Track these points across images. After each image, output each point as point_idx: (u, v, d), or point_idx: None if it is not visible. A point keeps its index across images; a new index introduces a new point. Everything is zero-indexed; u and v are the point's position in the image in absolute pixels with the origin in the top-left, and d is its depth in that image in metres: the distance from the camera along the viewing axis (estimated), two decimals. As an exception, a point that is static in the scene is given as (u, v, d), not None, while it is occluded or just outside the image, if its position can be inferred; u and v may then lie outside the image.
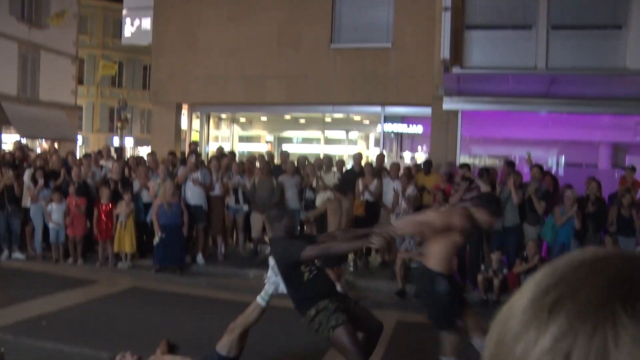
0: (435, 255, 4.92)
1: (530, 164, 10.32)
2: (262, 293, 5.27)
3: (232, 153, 12.69)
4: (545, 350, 0.45)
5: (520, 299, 0.51)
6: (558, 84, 10.61)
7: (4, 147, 21.02)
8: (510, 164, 10.48)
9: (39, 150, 17.12)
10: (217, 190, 10.51)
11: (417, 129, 15.90)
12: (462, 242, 5.22)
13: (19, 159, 11.87)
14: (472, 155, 15.88)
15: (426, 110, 12.51)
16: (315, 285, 4.84)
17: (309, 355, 6.13)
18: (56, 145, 20.68)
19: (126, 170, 11.26)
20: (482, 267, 8.83)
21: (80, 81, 33.28)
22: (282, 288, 5.11)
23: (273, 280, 5.22)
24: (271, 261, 5.35)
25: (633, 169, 10.60)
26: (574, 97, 11.34)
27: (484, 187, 9.22)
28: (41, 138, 23.75)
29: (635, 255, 0.48)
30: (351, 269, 10.18)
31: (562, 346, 0.44)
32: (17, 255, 10.59)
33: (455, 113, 11.88)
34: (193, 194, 10.24)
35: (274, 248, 5.20)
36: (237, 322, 5.22)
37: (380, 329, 5.16)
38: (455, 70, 10.63)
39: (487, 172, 9.78)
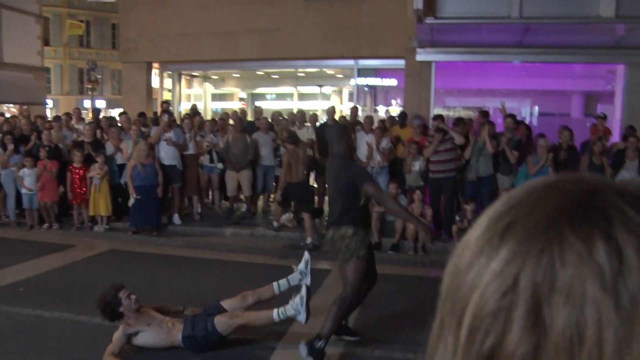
0: None
1: (504, 113, 10.39)
2: (282, 309, 4.93)
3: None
4: (495, 274, 0.46)
5: (476, 230, 0.52)
6: (531, 33, 10.59)
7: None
8: (484, 113, 10.51)
9: (7, 115, 16.68)
10: (190, 149, 10.42)
11: (391, 81, 15.84)
12: None
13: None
14: (446, 107, 15.91)
15: (400, 63, 12.42)
16: (364, 213, 5.14)
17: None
18: (16, 108, 20.23)
19: (98, 132, 11.07)
20: (457, 218, 8.94)
21: (46, 42, 32.37)
22: (301, 318, 4.94)
23: (296, 307, 4.94)
24: (302, 264, 5.29)
25: (604, 117, 10.73)
26: (547, 47, 11.34)
27: (458, 138, 9.28)
28: (9, 102, 23.16)
29: (585, 179, 0.49)
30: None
31: (511, 269, 0.45)
32: (-9, 222, 10.46)
33: (428, 64, 11.82)
34: (167, 154, 10.13)
35: (338, 164, 5.14)
36: (244, 315, 5.07)
37: (375, 281, 5.38)
38: (429, 20, 10.55)
39: (462, 123, 9.82)
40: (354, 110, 11.77)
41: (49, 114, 26.16)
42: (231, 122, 11.38)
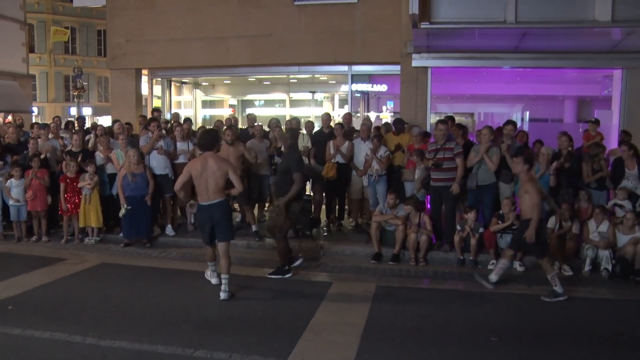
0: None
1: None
2: None
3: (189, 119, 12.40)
4: None
5: None
6: (528, 37, 10.45)
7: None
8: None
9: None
10: (181, 158, 10.15)
11: (382, 87, 15.71)
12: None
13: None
14: (438, 113, 15.76)
15: (394, 68, 12.26)
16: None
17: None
18: (10, 117, 19.82)
19: (92, 141, 10.76)
20: (458, 227, 8.75)
21: (31, 49, 32.00)
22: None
23: None
24: None
25: (596, 121, 10.61)
26: (543, 52, 11.22)
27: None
28: (-7, 110, 22.70)
29: None
30: (325, 234, 10.02)
31: None
32: (-24, 235, 10.11)
33: (424, 70, 11.65)
34: (158, 163, 9.86)
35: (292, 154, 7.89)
36: None
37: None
38: (424, 25, 10.36)
39: (462, 129, 9.71)
40: (348, 117, 11.55)
41: (35, 121, 25.73)
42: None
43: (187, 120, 12.15)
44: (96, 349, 5.26)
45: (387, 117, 16.46)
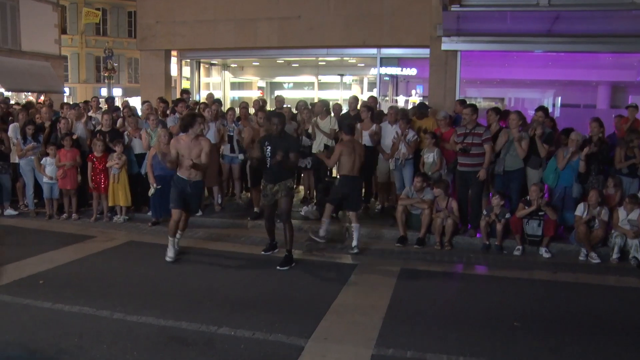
0: None
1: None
2: None
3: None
4: None
5: None
6: (561, 21, 10.23)
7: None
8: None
9: (30, 99, 16.65)
10: (210, 139, 10.21)
11: (412, 71, 15.54)
12: None
13: (3, 114, 11.44)
14: (467, 98, 15.55)
15: (423, 52, 12.11)
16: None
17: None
18: (42, 97, 20.16)
19: (120, 121, 10.91)
20: (484, 212, 8.68)
21: (63, 30, 32.37)
22: None
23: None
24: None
25: (635, 106, 10.34)
26: (576, 35, 10.96)
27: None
28: (27, 91, 23.13)
29: None
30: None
31: None
32: (10, 211, 10.34)
33: (454, 54, 11.50)
34: (187, 144, 9.94)
35: (280, 138, 7.53)
36: None
37: None
38: (455, 8, 10.24)
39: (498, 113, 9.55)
40: (373, 100, 11.47)
41: (66, 102, 26.15)
42: (252, 111, 11.14)
43: (217, 101, 12.22)
44: (123, 324, 5.37)
45: (416, 101, 16.32)
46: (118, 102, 17.52)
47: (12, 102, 16.89)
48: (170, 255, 7.69)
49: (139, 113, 11.38)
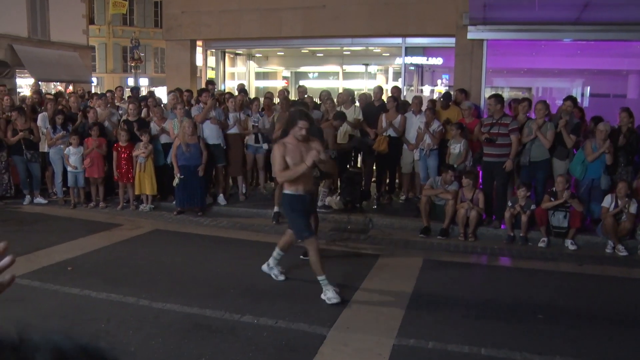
0: None
1: None
2: None
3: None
4: None
5: None
6: (591, 8, 10.02)
7: (20, 91, 20.86)
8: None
9: (60, 88, 16.91)
10: (234, 129, 10.30)
11: (437, 60, 15.41)
12: None
13: (36, 103, 11.67)
14: (494, 87, 15.40)
15: (449, 41, 11.97)
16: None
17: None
18: (71, 87, 20.48)
19: (144, 112, 11.04)
20: (509, 203, 8.60)
21: (91, 21, 32.71)
22: None
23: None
24: None
25: None
26: (605, 23, 10.72)
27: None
28: (55, 81, 23.47)
29: None
30: (374, 207, 10.03)
31: None
32: (39, 200, 10.56)
33: (480, 43, 11.35)
34: (211, 133, 10.04)
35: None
36: None
37: None
38: (481, -4, 10.11)
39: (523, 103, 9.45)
40: (396, 90, 11.40)
41: (94, 92, 26.48)
42: (276, 101, 11.17)
43: (242, 91, 12.27)
44: (149, 310, 5.47)
45: (441, 91, 16.21)
46: (144, 92, 17.71)
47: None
48: (330, 296, 5.82)
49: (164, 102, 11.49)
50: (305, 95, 11.26)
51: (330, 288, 5.81)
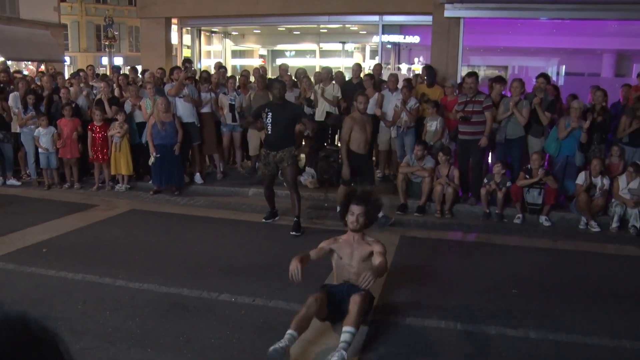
0: None
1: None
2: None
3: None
4: None
5: None
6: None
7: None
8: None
9: (25, 73, 16.54)
10: (206, 108, 10.20)
11: (414, 39, 15.39)
12: None
13: (4, 82, 11.39)
14: (470, 66, 15.43)
15: (426, 19, 11.98)
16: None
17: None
18: (43, 67, 20.05)
19: (117, 91, 10.87)
20: (485, 180, 8.68)
21: (62, -3, 31.99)
22: None
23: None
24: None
25: None
26: (581, 2, 10.81)
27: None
28: (26, 60, 22.97)
29: None
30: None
31: None
32: (12, 181, 10.38)
33: (457, 21, 11.37)
34: (185, 111, 9.92)
35: (283, 105, 7.67)
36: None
37: None
38: (458, -26, 10.08)
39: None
40: (378, 68, 11.39)
41: (67, 71, 25.98)
42: (252, 79, 11.08)
43: (222, 67, 12.06)
44: (125, 291, 5.44)
45: (419, 69, 16.21)
46: (125, 72, 17.43)
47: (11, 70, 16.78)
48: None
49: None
50: (287, 74, 11.19)
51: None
